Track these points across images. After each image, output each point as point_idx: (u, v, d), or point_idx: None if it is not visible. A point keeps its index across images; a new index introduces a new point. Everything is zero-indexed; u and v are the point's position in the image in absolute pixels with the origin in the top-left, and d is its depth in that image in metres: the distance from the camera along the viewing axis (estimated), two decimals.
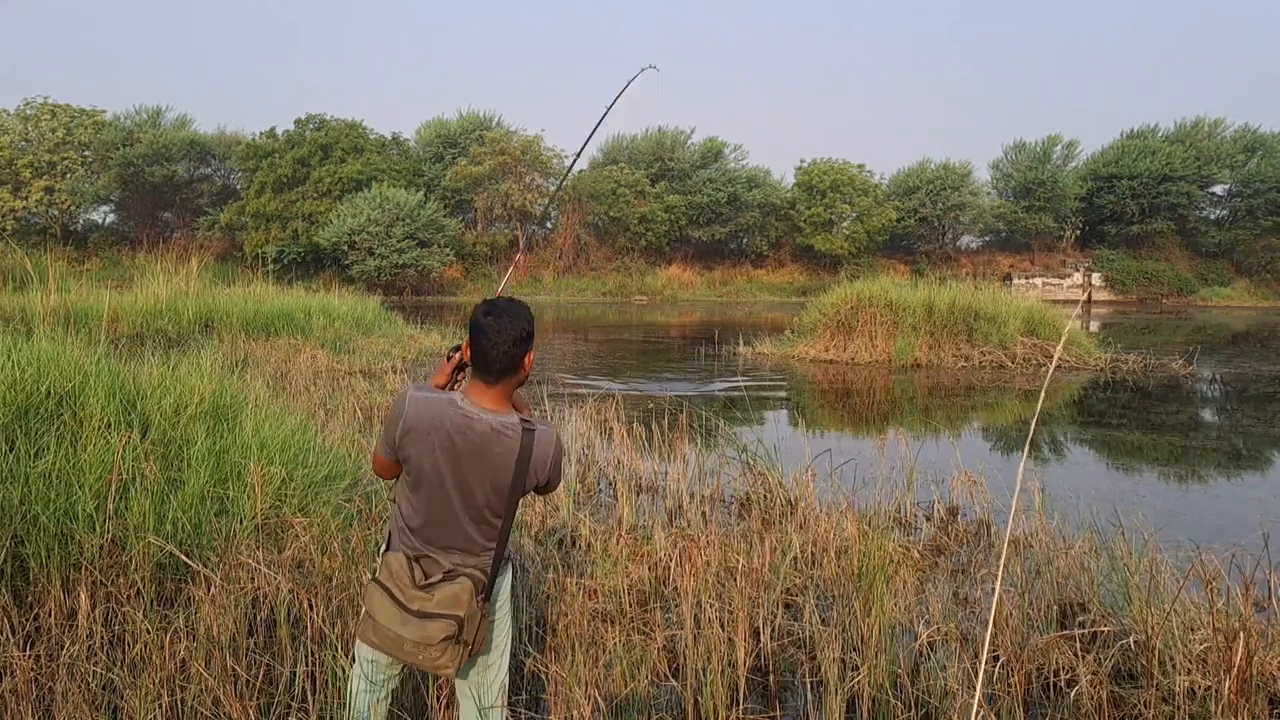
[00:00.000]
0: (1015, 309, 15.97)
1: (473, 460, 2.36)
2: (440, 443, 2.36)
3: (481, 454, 2.37)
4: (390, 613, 2.33)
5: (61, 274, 12.87)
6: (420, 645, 2.30)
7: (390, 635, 2.33)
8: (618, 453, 6.97)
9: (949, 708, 3.20)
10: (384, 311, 17.19)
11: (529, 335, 2.43)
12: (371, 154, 41.31)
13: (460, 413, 2.38)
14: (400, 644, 2.32)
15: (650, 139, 47.56)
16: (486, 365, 2.39)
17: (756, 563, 4.08)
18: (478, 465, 2.37)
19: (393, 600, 2.34)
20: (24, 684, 3.01)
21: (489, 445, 2.36)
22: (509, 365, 2.40)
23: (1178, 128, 47.77)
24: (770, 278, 45.50)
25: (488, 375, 2.41)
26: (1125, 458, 8.71)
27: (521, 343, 2.40)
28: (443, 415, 2.37)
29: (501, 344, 2.37)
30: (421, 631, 2.30)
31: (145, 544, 3.69)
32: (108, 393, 4.67)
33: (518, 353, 2.40)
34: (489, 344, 2.37)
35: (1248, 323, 30.21)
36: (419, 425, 2.37)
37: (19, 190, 41.74)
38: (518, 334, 2.39)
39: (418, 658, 2.33)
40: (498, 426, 2.38)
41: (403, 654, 2.34)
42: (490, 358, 2.38)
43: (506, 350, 2.38)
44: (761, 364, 15.71)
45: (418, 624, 2.30)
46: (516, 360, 2.41)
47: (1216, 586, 3.48)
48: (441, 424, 2.36)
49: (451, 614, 2.31)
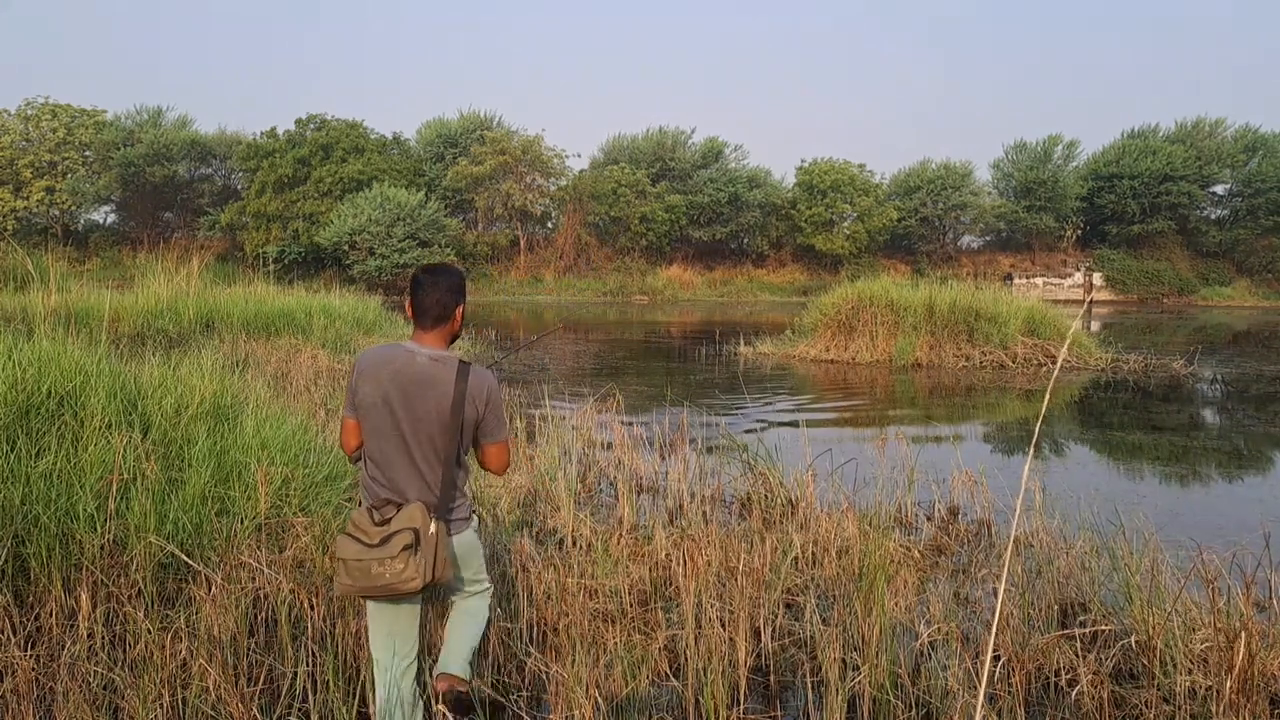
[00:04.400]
0: (1016, 309, 15.94)
1: (418, 390, 2.71)
2: (388, 377, 2.73)
3: (424, 385, 2.72)
4: (356, 549, 2.62)
5: (62, 274, 12.86)
6: (385, 561, 2.58)
7: (358, 567, 2.60)
8: (618, 453, 6.97)
9: (950, 707, 3.20)
10: (385, 311, 17.17)
11: (459, 289, 2.84)
12: (372, 154, 41.29)
13: (404, 351, 2.77)
14: (368, 570, 2.59)
15: (651, 139, 47.54)
16: (423, 312, 2.80)
17: (757, 563, 4.07)
18: (423, 394, 2.71)
19: (357, 542, 2.64)
20: (25, 684, 3.01)
21: (430, 375, 2.73)
22: (441, 313, 2.80)
23: (1179, 127, 47.75)
24: (771, 278, 45.48)
25: (424, 321, 2.80)
26: (1126, 457, 8.70)
27: (452, 294, 2.81)
28: (389, 355, 2.77)
29: (434, 293, 2.78)
30: (384, 550, 2.59)
31: (146, 544, 3.69)
32: (109, 393, 4.67)
33: (449, 301, 2.81)
34: (424, 294, 2.79)
35: (1249, 322, 30.18)
36: (369, 368, 2.76)
37: (20, 190, 41.79)
38: (448, 285, 2.81)
39: (385, 576, 2.58)
40: (436, 358, 2.76)
41: (371, 579, 2.59)
42: (425, 305, 2.79)
43: (439, 299, 2.79)
44: (763, 364, 15.71)
45: (380, 547, 2.60)
46: (448, 309, 2.81)
47: (1217, 586, 3.47)
48: (390, 362, 2.75)
49: (408, 526, 2.61)
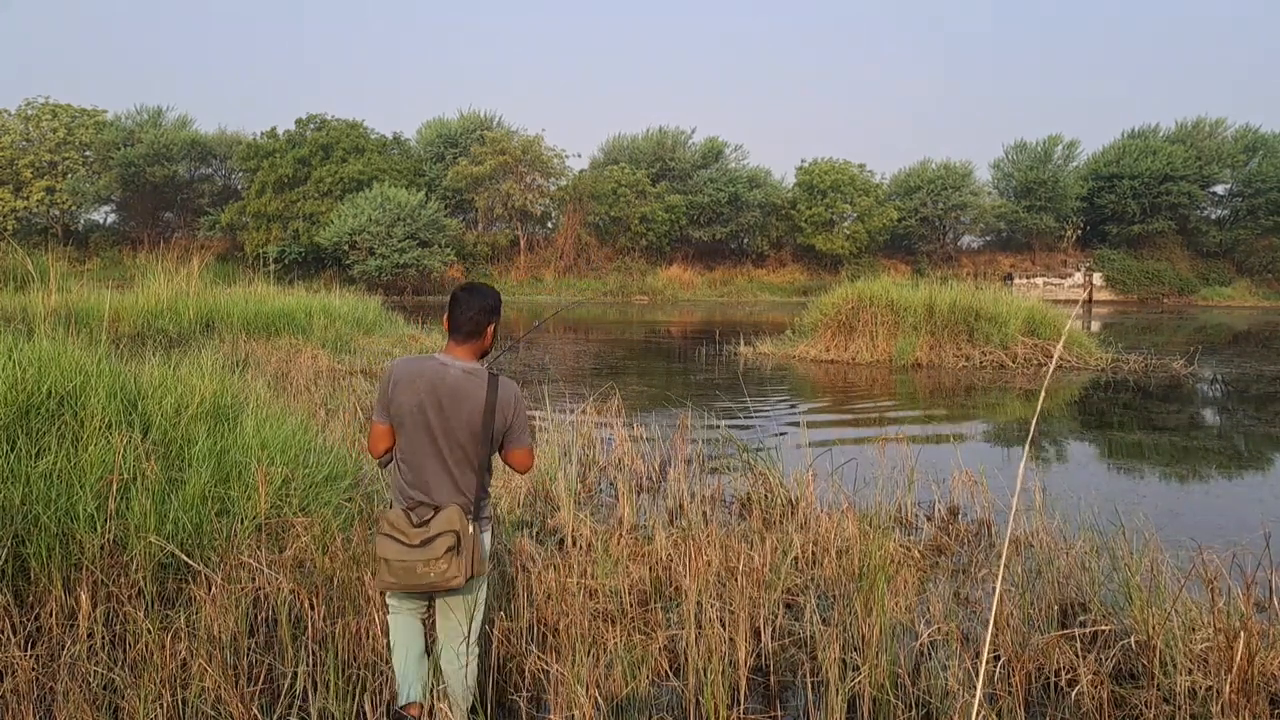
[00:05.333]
0: (1016, 309, 15.93)
1: (451, 401, 2.89)
2: (423, 388, 2.90)
3: (457, 396, 2.90)
4: (399, 549, 2.82)
5: (62, 274, 12.87)
6: (430, 561, 2.78)
7: (402, 565, 2.80)
8: (618, 453, 6.97)
9: (950, 707, 3.20)
10: (385, 311, 17.17)
11: (493, 310, 3.04)
12: (372, 154, 41.27)
13: (438, 363, 2.95)
14: (413, 569, 2.79)
15: (651, 139, 47.53)
16: (457, 327, 3.00)
17: (757, 563, 4.08)
18: (456, 406, 2.89)
19: (398, 542, 2.83)
20: (25, 684, 3.02)
21: (463, 387, 2.91)
22: (474, 329, 3.00)
23: (1179, 127, 47.74)
24: (771, 278, 45.47)
25: (458, 335, 3.00)
26: (1126, 457, 8.70)
27: (486, 313, 3.01)
28: (424, 367, 2.94)
29: (470, 310, 2.99)
30: (427, 551, 2.79)
31: (146, 544, 3.70)
32: (109, 393, 4.67)
33: (482, 320, 3.01)
34: (460, 310, 3.00)
35: (1249, 322, 30.18)
36: (404, 378, 2.92)
37: (20, 190, 41.76)
38: (483, 305, 3.01)
39: (429, 575, 2.79)
40: (469, 371, 2.95)
41: (416, 578, 2.80)
42: (459, 321, 2.99)
43: (473, 316, 2.99)
44: (763, 364, 15.70)
45: (423, 548, 2.80)
46: (481, 326, 3.01)
47: (1217, 586, 3.47)
48: (424, 373, 2.92)
49: (449, 529, 2.82)
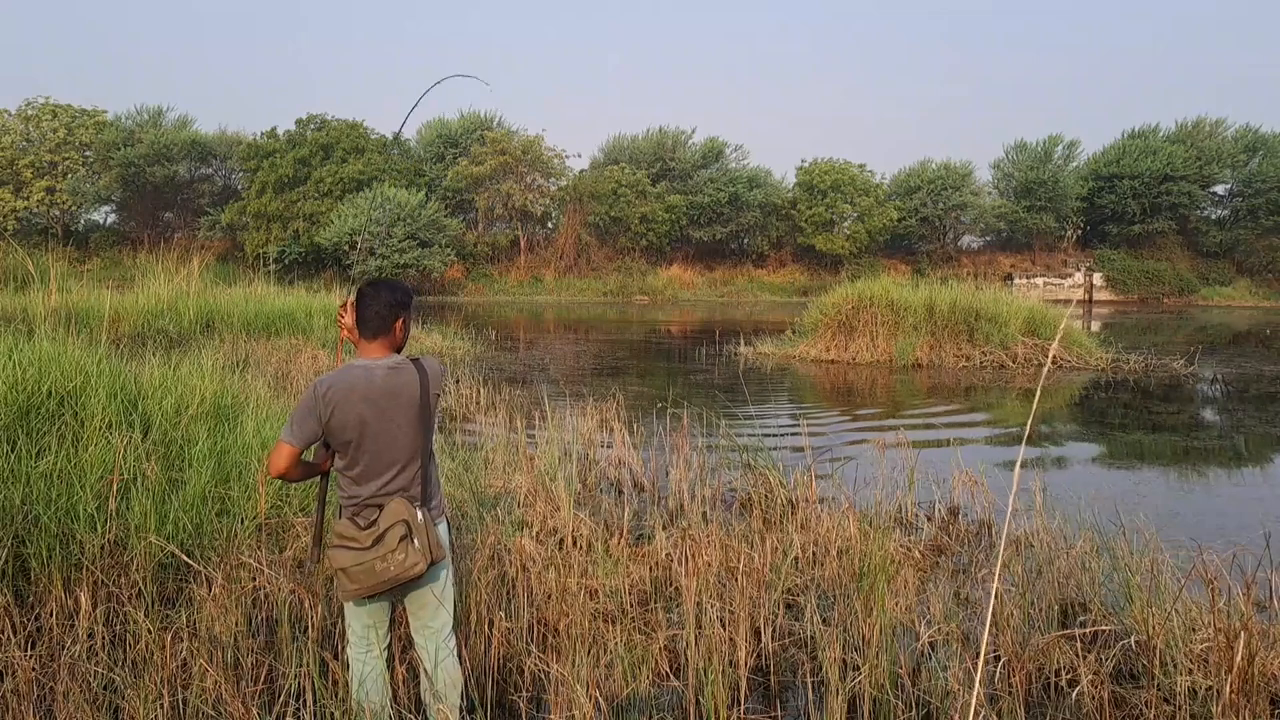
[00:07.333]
0: (1016, 309, 15.93)
1: (388, 400, 2.86)
2: (360, 397, 2.84)
3: (390, 394, 2.87)
4: (353, 555, 2.78)
5: (63, 274, 12.87)
6: (386, 555, 2.75)
7: (360, 569, 2.76)
8: (618, 453, 6.97)
9: (950, 708, 3.20)
10: None
11: (400, 304, 2.98)
12: (373, 154, 41.27)
13: (360, 368, 2.89)
14: (371, 569, 2.75)
15: (651, 139, 47.54)
16: (364, 323, 2.96)
17: (758, 562, 4.08)
18: (394, 403, 2.87)
19: (350, 549, 2.79)
20: (25, 684, 3.01)
21: (392, 384, 2.88)
22: (381, 325, 2.96)
23: (1179, 127, 47.69)
24: (771, 278, 45.47)
25: (365, 332, 2.97)
26: (1126, 457, 8.70)
27: (392, 308, 2.96)
28: (351, 377, 2.87)
29: (375, 306, 2.94)
30: (381, 547, 2.76)
31: (146, 544, 3.70)
32: (109, 393, 4.68)
33: (389, 315, 2.96)
34: (365, 307, 2.96)
35: (1249, 322, 30.17)
36: (337, 395, 2.83)
37: (20, 190, 41.75)
38: (389, 300, 2.96)
39: (390, 569, 2.75)
40: (392, 367, 2.92)
41: (376, 576, 2.75)
42: (366, 317, 2.96)
43: (379, 312, 2.94)
44: (763, 364, 15.70)
45: (376, 546, 2.77)
46: (388, 322, 2.96)
47: (1218, 586, 3.47)
48: (354, 385, 2.85)
49: (397, 520, 2.78)
